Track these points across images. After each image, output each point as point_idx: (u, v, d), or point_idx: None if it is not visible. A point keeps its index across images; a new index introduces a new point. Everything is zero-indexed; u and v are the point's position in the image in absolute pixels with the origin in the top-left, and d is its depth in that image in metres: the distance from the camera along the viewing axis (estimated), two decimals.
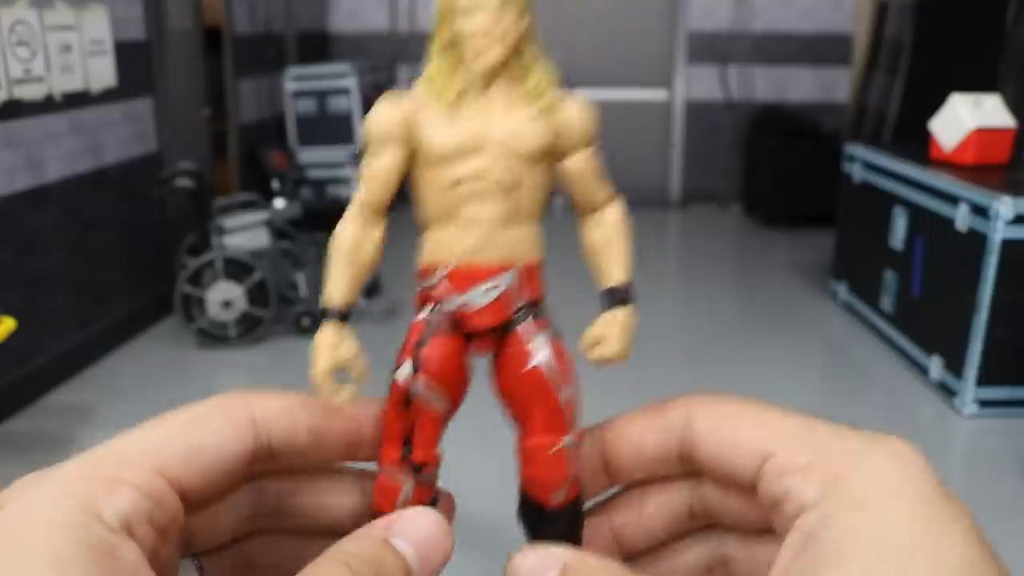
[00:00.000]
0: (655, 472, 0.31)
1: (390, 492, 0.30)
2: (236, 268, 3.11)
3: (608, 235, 0.32)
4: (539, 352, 0.30)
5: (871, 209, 3.35)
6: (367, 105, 4.59)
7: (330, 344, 0.29)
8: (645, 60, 5.63)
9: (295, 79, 4.58)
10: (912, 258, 3.03)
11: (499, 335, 0.30)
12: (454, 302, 0.29)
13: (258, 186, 4.21)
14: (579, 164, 0.31)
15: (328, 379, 0.29)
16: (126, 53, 3.25)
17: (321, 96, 4.58)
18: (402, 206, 0.33)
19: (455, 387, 0.30)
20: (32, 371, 2.74)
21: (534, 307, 0.30)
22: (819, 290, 3.94)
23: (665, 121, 5.74)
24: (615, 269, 0.31)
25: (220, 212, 3.29)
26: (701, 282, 4.25)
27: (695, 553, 0.32)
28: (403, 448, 0.30)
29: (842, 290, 3.68)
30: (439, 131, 0.29)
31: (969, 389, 2.67)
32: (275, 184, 3.72)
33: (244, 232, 3.23)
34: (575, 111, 0.31)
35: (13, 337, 2.24)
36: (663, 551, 0.32)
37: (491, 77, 0.29)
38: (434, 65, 0.30)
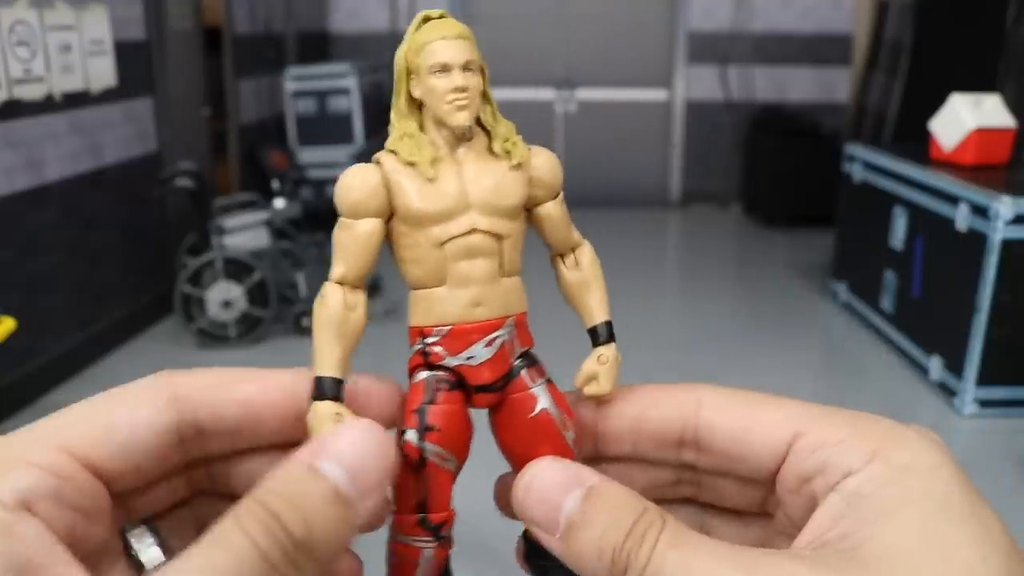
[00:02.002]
0: (646, 452, 0.31)
1: (410, 558, 0.30)
2: (236, 268, 3.11)
3: (585, 277, 0.33)
4: (543, 397, 0.30)
5: (871, 209, 3.35)
6: (367, 105, 4.59)
7: (329, 416, 0.28)
8: (645, 60, 5.63)
9: (295, 79, 4.58)
10: (912, 258, 3.03)
11: (500, 386, 0.30)
12: (456, 359, 0.30)
13: (258, 186, 4.21)
14: (553, 211, 0.32)
15: None
16: (126, 53, 3.25)
17: (321, 96, 4.57)
18: None
19: (463, 444, 0.30)
20: (32, 371, 2.74)
21: (529, 356, 0.31)
22: (819, 290, 3.94)
23: (665, 121, 5.74)
24: (597, 309, 0.32)
25: (220, 212, 3.29)
26: (701, 282, 4.25)
27: (677, 518, 0.31)
28: (419, 511, 0.30)
29: (842, 290, 3.68)
30: (420, 195, 0.29)
31: (969, 389, 2.67)
32: (275, 184, 3.72)
33: (244, 232, 3.23)
34: (546, 162, 0.32)
35: (13, 337, 2.24)
36: None
37: (463, 135, 0.30)
38: (399, 128, 0.30)
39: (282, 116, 4.73)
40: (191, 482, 0.31)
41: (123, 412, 0.27)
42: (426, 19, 0.30)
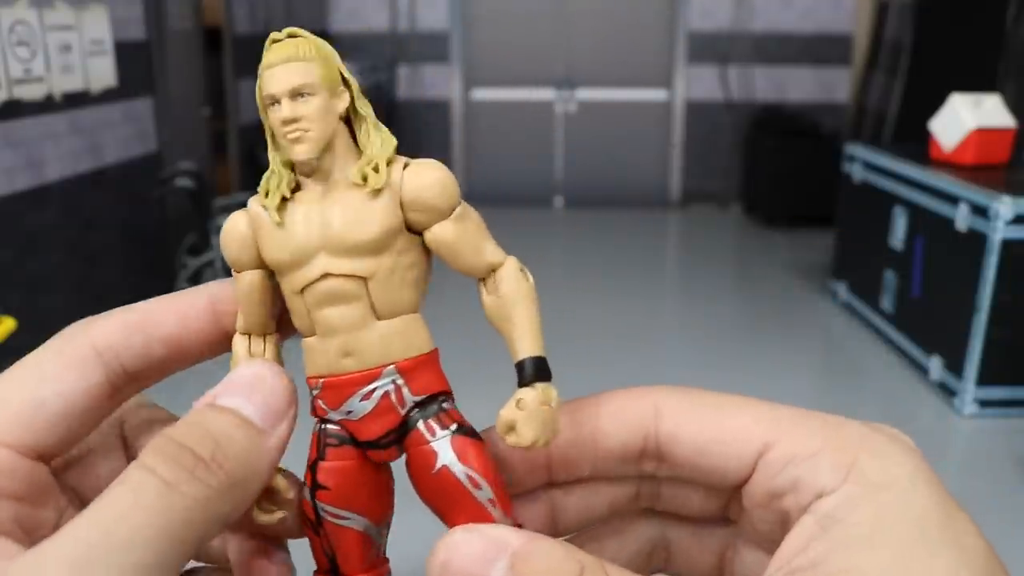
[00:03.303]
0: (607, 470, 0.28)
1: None
2: None
3: (503, 304, 0.27)
4: (444, 452, 0.26)
5: (871, 209, 3.35)
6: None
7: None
8: (645, 60, 5.63)
9: None
10: (912, 258, 3.03)
11: (389, 442, 0.27)
12: (337, 414, 0.27)
13: (258, 186, 4.21)
14: (443, 235, 0.27)
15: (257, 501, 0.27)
16: (126, 53, 3.25)
17: None
18: None
19: (362, 501, 0.27)
20: None
21: (434, 402, 0.27)
22: (819, 290, 3.94)
23: (665, 121, 5.74)
24: (519, 341, 0.27)
25: (220, 212, 3.29)
26: (701, 282, 4.25)
27: (637, 535, 0.30)
28: (333, 571, 0.28)
29: (842, 290, 3.68)
30: (274, 241, 0.27)
31: (969, 389, 2.67)
32: None
33: None
34: (421, 179, 0.27)
35: (13, 337, 2.23)
36: (603, 530, 0.30)
37: (310, 169, 0.27)
38: (269, 167, 0.28)
39: None
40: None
41: (46, 385, 0.26)
42: (273, 42, 0.27)
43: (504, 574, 0.23)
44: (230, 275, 0.29)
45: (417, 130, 5.53)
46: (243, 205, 0.29)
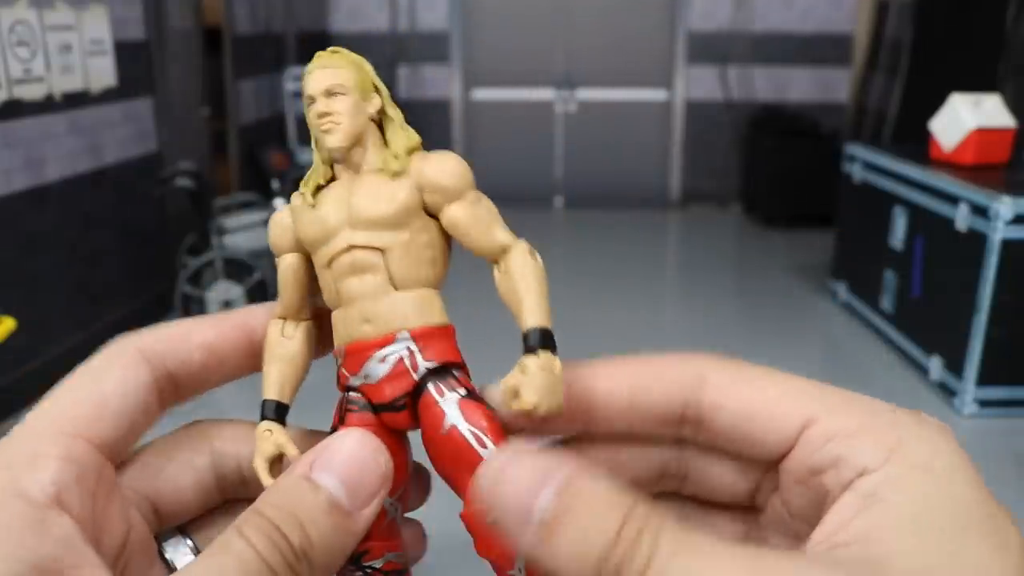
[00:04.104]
0: (643, 430, 0.28)
1: None
2: (236, 268, 3.11)
3: (513, 282, 0.29)
4: (451, 412, 0.28)
5: (871, 209, 3.35)
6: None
7: (262, 435, 0.29)
8: (645, 60, 5.63)
9: (295, 79, 4.57)
10: (912, 258, 3.03)
11: (403, 405, 0.29)
12: (356, 379, 0.29)
13: (258, 186, 4.21)
14: (456, 215, 0.29)
15: (264, 468, 0.29)
16: (126, 53, 3.25)
17: None
18: None
19: None
20: (32, 371, 2.74)
21: (447, 371, 0.29)
22: (819, 290, 3.94)
23: (665, 121, 5.74)
24: (526, 314, 0.28)
25: (220, 212, 3.29)
26: (701, 282, 4.25)
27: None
28: None
29: (842, 290, 3.68)
30: (304, 223, 0.30)
31: (969, 389, 2.67)
32: (275, 184, 3.72)
33: (244, 232, 3.23)
34: (437, 164, 0.30)
35: (13, 337, 2.24)
36: None
37: (342, 157, 0.30)
38: (314, 160, 0.31)
39: (282, 116, 4.73)
40: (220, 480, 0.31)
41: (107, 383, 0.28)
42: (318, 57, 0.31)
43: (550, 503, 0.23)
44: (230, 275, 0.30)
45: (417, 130, 5.51)
46: (243, 205, 0.31)
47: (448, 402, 0.28)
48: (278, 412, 0.30)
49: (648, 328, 3.47)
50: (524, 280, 0.29)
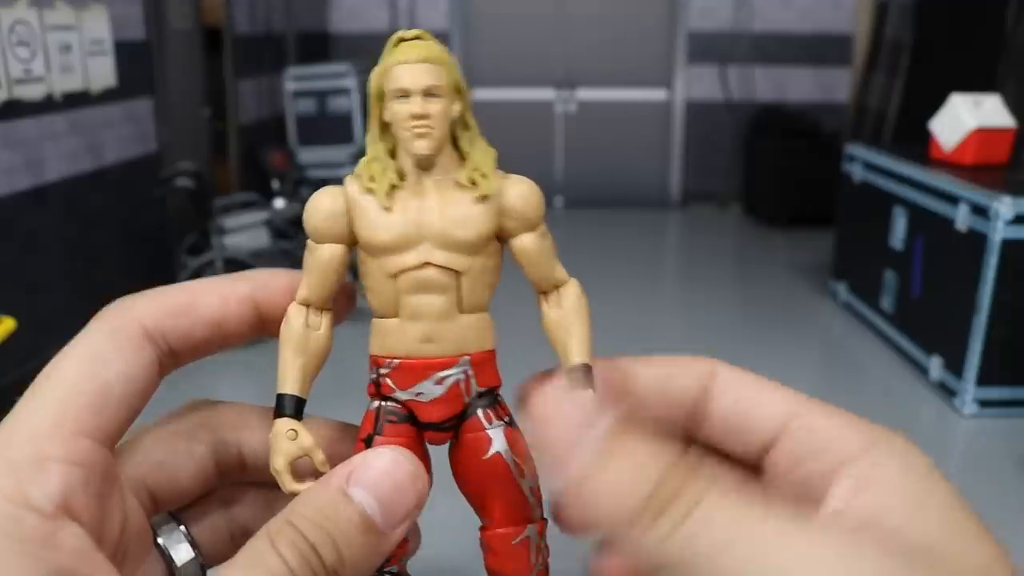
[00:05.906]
0: (667, 415, 0.30)
1: None
2: (236, 268, 3.10)
3: (566, 316, 0.30)
4: (498, 440, 0.29)
5: (871, 209, 3.35)
6: (367, 106, 4.59)
7: (285, 435, 0.28)
8: (645, 60, 5.63)
9: (295, 79, 4.58)
10: (912, 258, 3.03)
11: (455, 424, 0.29)
12: (405, 394, 0.29)
13: (258, 186, 4.21)
14: (528, 245, 0.30)
15: (287, 471, 0.28)
16: (126, 53, 3.25)
17: (321, 96, 4.58)
18: None
19: None
20: (32, 371, 2.74)
21: (491, 395, 0.29)
22: (819, 290, 3.94)
23: (665, 121, 5.74)
24: (574, 350, 0.30)
25: (220, 212, 3.29)
26: (701, 282, 4.25)
27: None
28: None
29: (842, 290, 3.68)
30: (376, 224, 0.28)
31: (969, 389, 2.67)
32: (275, 184, 3.72)
33: (244, 232, 3.23)
34: (518, 192, 0.30)
35: (13, 337, 2.24)
36: None
37: (427, 163, 0.29)
38: (370, 152, 0.29)
39: (282, 116, 4.73)
40: (219, 463, 0.31)
41: (110, 369, 0.27)
42: (400, 40, 0.29)
43: (597, 443, 0.23)
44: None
45: None
46: (243, 205, 0.31)
47: (495, 429, 0.29)
48: (297, 408, 0.29)
49: (648, 328, 3.47)
50: (578, 318, 0.30)
